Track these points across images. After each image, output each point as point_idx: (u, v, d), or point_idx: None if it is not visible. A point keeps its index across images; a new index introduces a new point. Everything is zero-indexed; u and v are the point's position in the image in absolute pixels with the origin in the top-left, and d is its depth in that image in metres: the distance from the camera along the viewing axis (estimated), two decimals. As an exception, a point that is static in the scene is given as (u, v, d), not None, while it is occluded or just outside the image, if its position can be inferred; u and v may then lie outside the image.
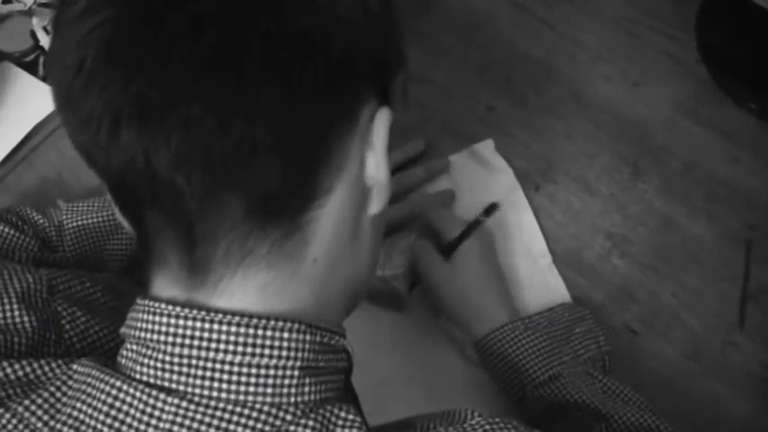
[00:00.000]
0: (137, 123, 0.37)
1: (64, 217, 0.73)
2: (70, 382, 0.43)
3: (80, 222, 0.73)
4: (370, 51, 0.42)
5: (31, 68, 0.90)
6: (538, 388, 0.66)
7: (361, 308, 0.75)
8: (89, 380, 0.42)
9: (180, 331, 0.41)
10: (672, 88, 0.88)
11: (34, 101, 0.88)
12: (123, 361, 0.43)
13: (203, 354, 0.40)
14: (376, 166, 0.44)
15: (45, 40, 0.89)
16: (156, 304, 0.42)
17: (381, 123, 0.44)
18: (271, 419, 0.40)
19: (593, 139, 0.85)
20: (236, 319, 0.41)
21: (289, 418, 0.40)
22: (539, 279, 0.77)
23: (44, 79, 0.89)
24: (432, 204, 0.78)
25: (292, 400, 0.41)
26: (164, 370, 0.41)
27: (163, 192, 0.39)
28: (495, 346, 0.68)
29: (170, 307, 0.41)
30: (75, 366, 0.44)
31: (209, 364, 0.40)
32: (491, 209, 0.72)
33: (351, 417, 0.42)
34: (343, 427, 0.41)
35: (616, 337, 0.74)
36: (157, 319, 0.41)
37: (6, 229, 0.68)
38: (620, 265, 0.79)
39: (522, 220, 0.80)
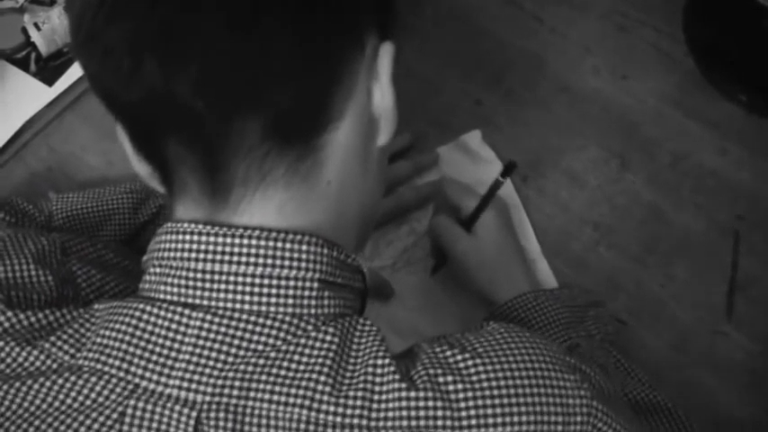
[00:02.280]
0: (159, 51, 0.39)
1: (54, 207, 0.74)
2: (93, 319, 0.45)
3: (70, 211, 0.73)
4: None
5: (22, 65, 0.91)
6: None
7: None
8: (112, 310, 0.44)
9: (203, 247, 0.42)
10: (660, 81, 0.88)
11: (25, 97, 0.88)
12: (146, 286, 0.45)
13: (225, 268, 0.42)
14: (382, 95, 0.47)
15: (36, 37, 0.89)
16: (179, 224, 0.44)
17: (385, 56, 0.47)
18: (293, 329, 0.42)
19: (581, 131, 0.85)
20: (257, 232, 0.42)
21: (310, 327, 0.42)
22: (528, 269, 0.77)
23: (35, 75, 0.90)
24: (449, 180, 0.79)
25: (312, 311, 0.43)
26: (187, 287, 0.43)
27: (183, 119, 0.41)
28: (516, 312, 0.68)
29: (192, 225, 0.43)
30: (96, 305, 0.46)
31: (232, 278, 0.42)
32: (509, 168, 0.73)
33: (368, 327, 0.44)
34: (362, 335, 0.43)
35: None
36: (180, 237, 0.44)
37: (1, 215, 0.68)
38: (608, 256, 0.79)
39: (510, 212, 0.80)
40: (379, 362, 0.42)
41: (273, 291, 0.42)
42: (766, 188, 0.81)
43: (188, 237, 0.43)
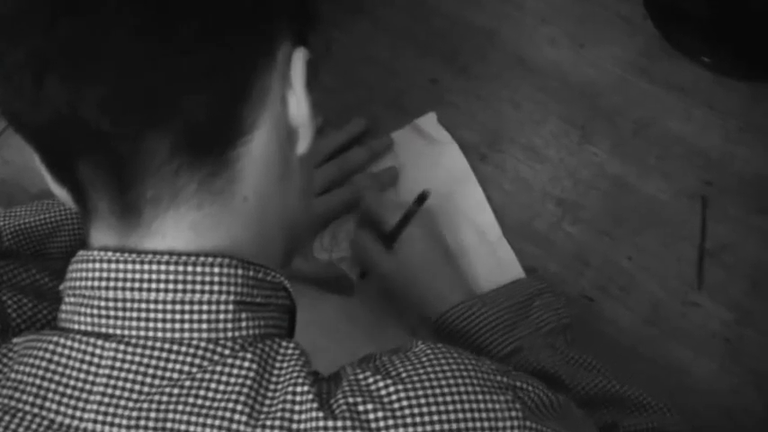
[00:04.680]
0: (60, 69, 0.38)
1: (2, 223, 0.71)
2: (11, 354, 0.44)
3: (17, 226, 0.71)
4: None
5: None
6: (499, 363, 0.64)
7: (311, 293, 0.74)
8: (28, 344, 0.43)
9: (113, 275, 0.41)
10: (620, 47, 0.85)
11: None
12: (63, 316, 0.44)
13: (137, 295, 0.41)
14: (297, 104, 0.45)
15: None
16: (89, 252, 0.42)
17: (298, 63, 0.45)
18: (208, 355, 0.40)
19: (539, 104, 0.82)
20: (165, 257, 0.41)
21: (227, 352, 0.40)
22: (489, 254, 0.75)
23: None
24: (367, 190, 0.75)
25: (229, 335, 0.41)
26: (100, 316, 0.41)
27: (90, 139, 0.39)
28: (452, 325, 0.66)
29: (101, 253, 0.42)
30: (15, 339, 0.44)
31: (144, 305, 0.41)
32: (422, 197, 0.70)
33: (290, 351, 0.42)
34: (283, 360, 0.41)
35: (572, 305, 0.71)
36: (90, 266, 0.42)
37: None
38: (573, 232, 0.76)
39: (469, 193, 0.77)
40: (299, 389, 0.40)
41: (186, 316, 0.41)
42: (734, 151, 0.79)
43: (98, 265, 0.42)
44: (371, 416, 0.39)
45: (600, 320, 0.73)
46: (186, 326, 0.41)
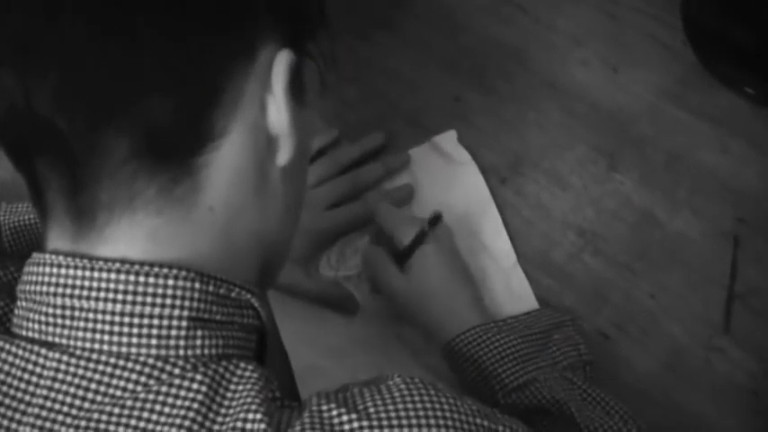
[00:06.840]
0: (15, 60, 0.37)
1: (2, 217, 0.70)
2: None
3: (17, 222, 0.70)
4: None
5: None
6: (510, 394, 0.60)
7: (314, 312, 0.71)
8: None
9: (62, 281, 0.39)
10: (656, 73, 0.81)
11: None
12: (15, 320, 0.42)
13: (84, 304, 0.39)
14: (277, 111, 0.42)
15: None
16: (41, 255, 0.40)
17: (280, 66, 0.41)
18: (156, 373, 0.38)
19: (567, 129, 0.79)
20: (117, 265, 0.38)
21: (176, 371, 0.38)
22: (501, 282, 0.71)
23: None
24: (382, 206, 0.72)
25: (181, 353, 0.39)
26: (47, 324, 0.39)
27: (46, 135, 0.38)
28: (465, 349, 0.62)
29: (52, 257, 0.40)
30: None
31: (91, 315, 0.39)
32: (435, 219, 0.67)
33: (248, 373, 0.39)
34: (239, 383, 0.39)
35: (586, 342, 0.67)
36: (41, 269, 0.40)
37: None
38: (593, 265, 0.72)
39: (485, 217, 0.74)
40: (251, 416, 0.37)
41: (135, 330, 0.38)
42: (772, 189, 0.74)
43: (47, 269, 0.39)
44: None
45: (615, 361, 0.68)
46: (134, 340, 0.38)
